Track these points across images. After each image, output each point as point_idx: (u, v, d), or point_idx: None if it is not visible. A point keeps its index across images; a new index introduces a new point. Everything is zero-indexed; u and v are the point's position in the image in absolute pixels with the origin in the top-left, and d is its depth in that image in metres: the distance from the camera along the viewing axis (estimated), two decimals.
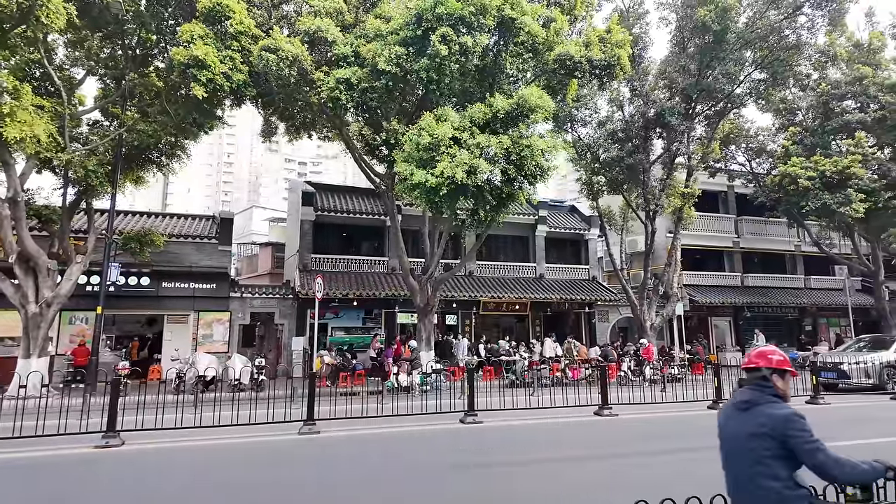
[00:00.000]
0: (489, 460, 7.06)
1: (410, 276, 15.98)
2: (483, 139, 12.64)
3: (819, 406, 11.59)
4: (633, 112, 18.78)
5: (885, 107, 20.25)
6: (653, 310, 20.03)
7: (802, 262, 28.10)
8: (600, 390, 10.53)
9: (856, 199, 18.80)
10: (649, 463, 6.83)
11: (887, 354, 14.50)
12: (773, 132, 24.12)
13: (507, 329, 23.19)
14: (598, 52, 13.88)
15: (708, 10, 16.06)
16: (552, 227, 23.94)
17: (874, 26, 22.38)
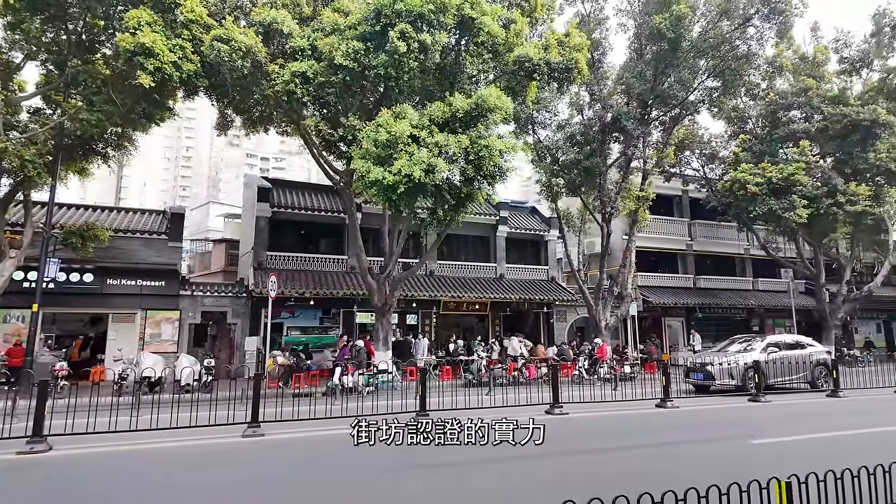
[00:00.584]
0: (439, 460, 6.98)
1: (369, 274, 15.79)
2: (442, 138, 12.57)
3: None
4: (592, 116, 19.12)
5: (827, 118, 21.27)
6: (608, 310, 20.44)
7: (751, 265, 29.26)
8: (552, 389, 10.63)
9: (799, 206, 19.66)
10: (594, 460, 6.91)
11: (753, 355, 14.35)
12: (726, 139, 25.00)
13: (468, 329, 23.28)
14: (556, 55, 14.04)
15: (663, 17, 16.49)
16: (513, 227, 24.13)
17: (819, 40, 23.49)
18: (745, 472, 4.88)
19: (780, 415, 11.17)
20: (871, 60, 22.56)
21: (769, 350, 14.68)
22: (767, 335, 16.40)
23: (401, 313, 21.20)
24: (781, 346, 15.12)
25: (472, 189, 13.81)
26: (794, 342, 15.68)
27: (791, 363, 14.37)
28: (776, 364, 14.33)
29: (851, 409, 11.73)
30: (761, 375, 13.09)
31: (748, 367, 13.76)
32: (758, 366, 13.13)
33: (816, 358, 15.06)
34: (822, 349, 16.13)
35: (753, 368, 13.27)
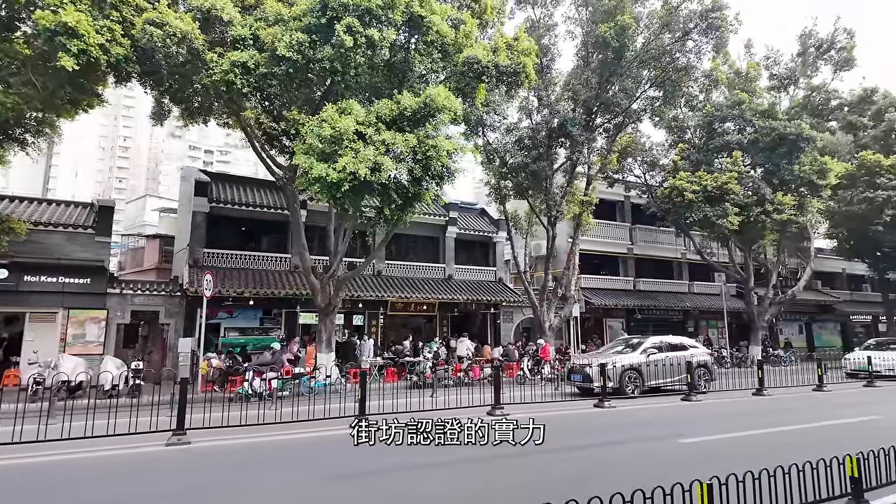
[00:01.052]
0: (375, 467, 6.81)
1: (312, 274, 15.35)
2: (389, 136, 12.36)
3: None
4: (540, 121, 19.41)
5: (758, 130, 22.52)
6: (552, 311, 20.81)
7: (687, 269, 30.60)
8: (494, 391, 10.64)
9: (732, 213, 20.71)
10: (531, 463, 6.91)
11: (632, 357, 14.21)
12: (666, 148, 26.03)
13: (416, 329, 23.12)
14: (504, 58, 14.11)
15: (609, 27, 16.94)
16: (462, 228, 24.16)
17: (752, 57, 24.85)
18: (676, 471, 4.98)
19: (708, 413, 11.63)
20: (797, 78, 24.09)
21: (649, 352, 14.47)
22: (649, 337, 16.28)
23: (347, 314, 20.80)
24: (663, 347, 14.93)
25: (419, 189, 13.67)
26: (676, 344, 15.47)
27: (672, 365, 14.18)
28: (656, 366, 14.05)
29: (776, 408, 12.37)
30: (641, 377, 13.41)
31: (626, 369, 13.81)
32: (638, 368, 13.31)
33: (697, 360, 14.72)
34: (703, 351, 16.02)
35: (633, 370, 13.48)
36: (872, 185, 24.50)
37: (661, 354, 14.49)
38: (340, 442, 8.35)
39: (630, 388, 13.66)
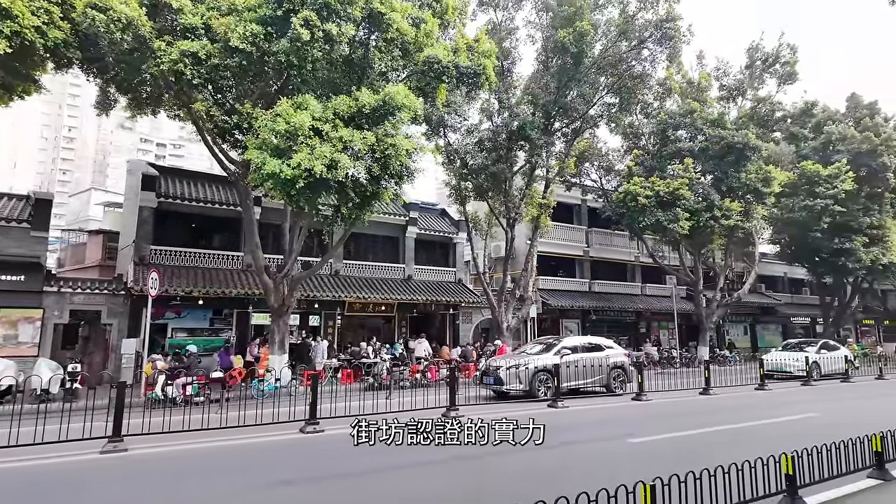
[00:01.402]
0: (322, 473, 6.63)
1: (265, 273, 14.91)
2: (347, 133, 12.13)
3: None
4: (500, 123, 19.52)
5: (708, 139, 23.37)
6: (510, 312, 20.98)
7: (640, 272, 31.48)
8: (449, 392, 10.59)
9: (682, 218, 21.40)
10: (487, 466, 6.88)
11: (546, 358, 13.74)
12: (622, 153, 26.66)
13: (374, 330, 22.85)
14: (465, 59, 14.10)
15: (567, 32, 17.21)
16: (422, 229, 24.06)
17: (703, 67, 25.77)
18: (625, 470, 5.02)
19: (656, 413, 11.93)
20: (745, 90, 25.15)
21: (563, 353, 14.05)
22: (564, 337, 16.01)
23: (303, 314, 20.37)
24: (579, 348, 14.58)
25: (378, 188, 13.51)
26: (592, 345, 15.17)
27: (587, 367, 13.90)
28: (570, 368, 13.50)
29: (721, 406, 12.81)
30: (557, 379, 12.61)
31: (538, 370, 13.33)
32: (555, 369, 12.65)
33: (614, 361, 14.64)
34: (620, 352, 15.65)
35: (545, 372, 13.09)
36: (812, 194, 25.85)
37: (575, 356, 14.11)
38: (288, 446, 8.14)
39: (542, 390, 13.14)
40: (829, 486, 5.51)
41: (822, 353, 19.71)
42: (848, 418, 10.82)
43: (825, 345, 21.05)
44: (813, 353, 19.42)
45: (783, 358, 19.65)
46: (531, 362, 13.54)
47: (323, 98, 13.32)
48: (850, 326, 38.96)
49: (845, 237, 27.06)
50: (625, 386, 14.63)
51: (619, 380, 14.69)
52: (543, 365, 13.52)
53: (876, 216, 27.75)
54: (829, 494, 5.49)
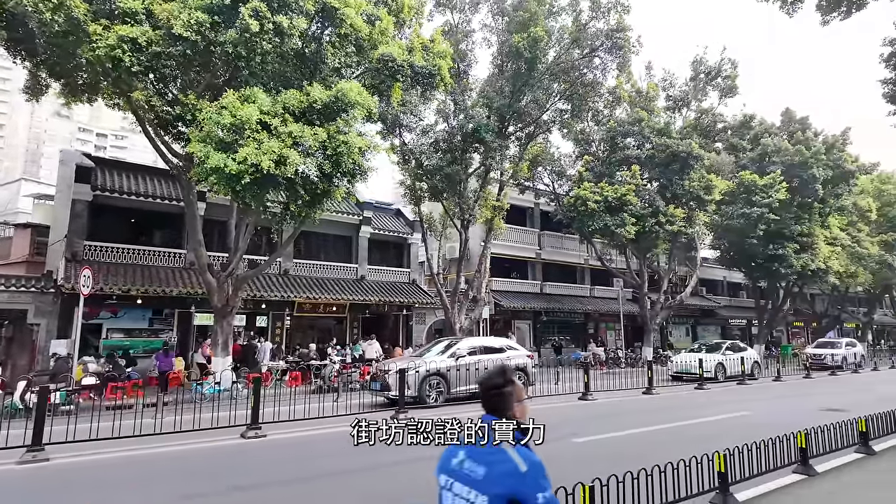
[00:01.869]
0: (262, 480, 6.38)
1: (209, 271, 14.32)
2: (296, 129, 11.83)
3: None
4: (455, 125, 19.54)
5: (654, 147, 24.23)
6: (462, 313, 21.03)
7: (589, 274, 32.32)
8: (399, 394, 10.47)
9: (629, 223, 22.09)
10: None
11: (438, 361, 12.68)
12: (573, 159, 27.27)
13: (325, 331, 22.41)
14: (420, 58, 14.03)
15: (522, 37, 17.43)
16: (377, 228, 23.79)
17: (651, 78, 26.74)
18: (570, 470, 5.05)
19: (600, 412, 12.21)
20: (689, 101, 26.26)
21: (459, 355, 13.08)
22: (464, 338, 15.15)
23: (249, 315, 19.74)
24: (478, 350, 13.65)
25: (329, 186, 13.24)
26: (493, 346, 14.28)
27: (485, 369, 11.17)
28: (467, 371, 12.55)
29: (662, 406, 13.26)
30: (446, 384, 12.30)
31: (429, 374, 12.28)
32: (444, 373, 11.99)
33: (515, 363, 13.55)
34: (523, 353, 14.84)
35: (436, 376, 12.20)
36: (749, 203, 27.22)
37: (472, 358, 13.09)
38: (227, 453, 7.80)
39: (432, 396, 12.12)
40: (759, 482, 5.77)
41: (728, 355, 19.84)
42: (776, 417, 11.41)
43: (732, 346, 21.21)
44: (718, 354, 19.74)
45: (689, 360, 19.46)
46: (421, 365, 12.32)
47: (273, 92, 12.95)
48: (783, 328, 41.37)
49: (778, 244, 28.66)
50: (527, 389, 13.94)
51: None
52: (435, 368, 12.41)
53: (806, 225, 29.52)
54: (759, 490, 5.75)
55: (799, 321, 43.23)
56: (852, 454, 7.30)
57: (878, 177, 38.00)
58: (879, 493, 5.92)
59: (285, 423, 9.22)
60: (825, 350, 26.50)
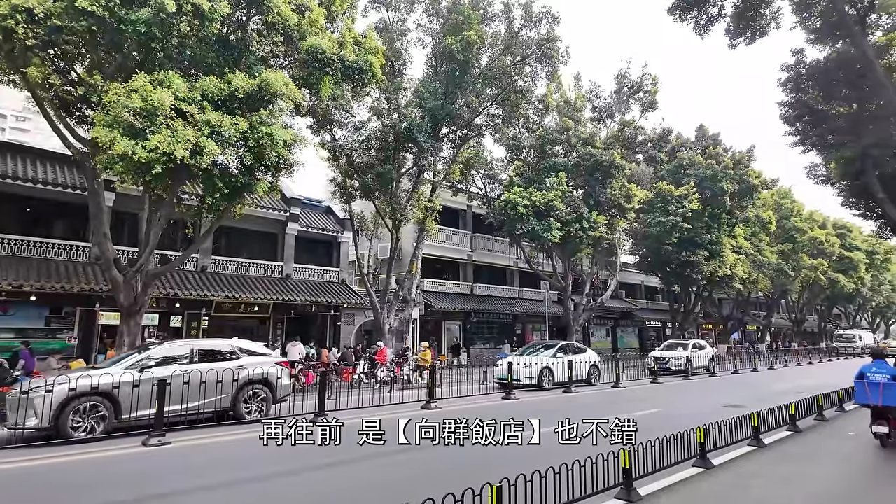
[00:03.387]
0: (163, 490, 5.93)
1: (115, 267, 13.24)
2: (216, 117, 11.20)
3: None
4: (388, 123, 19.34)
5: (581, 155, 25.19)
6: (392, 313, 20.83)
7: (518, 276, 33.12)
8: (319, 396, 10.16)
9: (555, 227, 22.83)
10: (346, 472, 6.62)
11: (104, 375, 8.86)
12: (505, 164, 27.82)
13: (246, 332, 21.41)
14: (351, 53, 13.73)
15: (455, 39, 17.55)
16: (305, 226, 23.06)
17: (580, 89, 27.79)
18: (492, 470, 5.04)
19: (524, 411, 12.47)
20: (613, 113, 27.56)
21: (144, 365, 9.49)
22: (174, 342, 11.96)
23: (163, 314, 18.55)
24: (188, 357, 10.18)
25: (251, 179, 12.64)
26: (218, 351, 10.79)
27: (200, 383, 9.41)
28: (159, 386, 8.39)
29: (582, 404, 13.74)
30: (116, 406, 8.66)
31: (78, 395, 8.43)
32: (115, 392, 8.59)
33: (251, 373, 10.50)
34: (268, 360, 11.21)
35: (101, 396, 8.52)
36: (665, 212, 28.96)
37: (173, 368, 9.48)
38: (130, 461, 7.22)
39: (84, 426, 8.41)
40: (660, 476, 6.06)
41: (560, 358, 17.48)
42: (685, 413, 12.13)
43: (566, 347, 18.66)
44: (548, 357, 17.50)
45: (519, 362, 16.84)
46: (62, 384, 8.39)
47: (192, 78, 12.21)
48: (693, 330, 44.36)
49: (691, 251, 30.72)
50: (267, 408, 10.37)
51: (257, 400, 10.37)
52: (90, 386, 8.49)
53: (715, 234, 31.85)
54: (661, 483, 6.03)
55: (708, 323, 46.57)
56: (745, 447, 7.87)
57: (778, 192, 41.70)
58: (768, 484, 6.38)
59: (195, 429, 8.68)
60: (669, 353, 24.13)
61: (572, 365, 16.46)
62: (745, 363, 28.10)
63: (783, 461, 7.37)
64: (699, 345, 25.69)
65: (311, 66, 13.44)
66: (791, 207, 41.86)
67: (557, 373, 16.93)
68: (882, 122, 14.72)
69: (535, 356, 17.91)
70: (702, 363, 23.73)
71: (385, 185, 19.21)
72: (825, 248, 42.16)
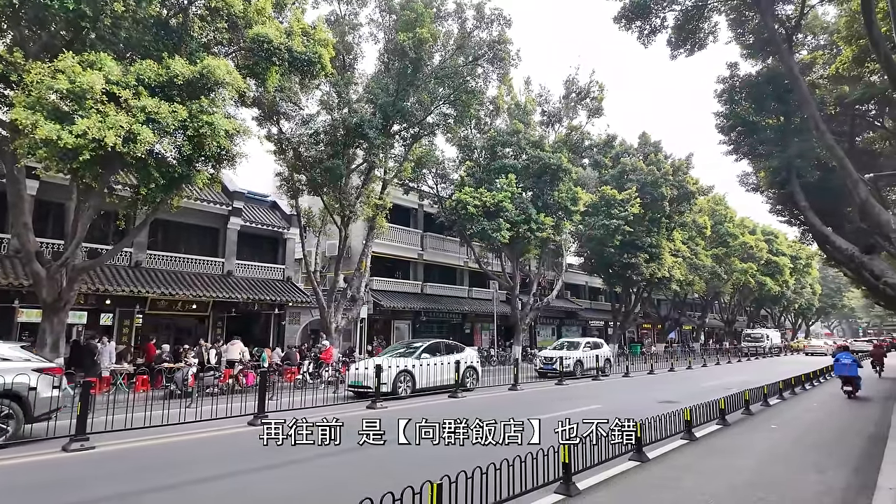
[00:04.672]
0: (80, 499, 5.53)
1: (36, 260, 12.31)
2: (152, 103, 10.60)
3: None
4: (339, 118, 18.94)
5: (530, 158, 25.64)
6: (339, 312, 20.45)
7: (468, 276, 33.34)
8: (258, 398, 9.81)
9: (504, 228, 23.13)
10: (285, 476, 6.41)
11: None
12: (457, 164, 27.91)
13: (184, 331, 20.48)
14: (299, 44, 13.36)
15: (408, 36, 17.41)
16: (249, 221, 22.27)
17: (530, 93, 28.25)
18: (434, 467, 4.97)
19: (473, 409, 12.53)
20: (561, 117, 28.18)
21: None
22: None
23: (92, 312, 17.42)
24: None
25: (189, 170, 12.06)
26: None
27: None
28: None
29: (526, 401, 13.94)
30: None
31: None
32: None
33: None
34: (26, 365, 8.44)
35: None
36: (609, 215, 29.93)
37: None
38: (44, 468, 6.71)
39: None
40: (599, 470, 6.22)
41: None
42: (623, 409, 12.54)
43: (432, 347, 15.86)
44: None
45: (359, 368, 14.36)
46: None
47: (126, 62, 11.52)
48: (634, 329, 46.13)
49: (632, 254, 31.90)
50: (17, 428, 8.00)
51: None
52: None
53: (655, 237, 33.21)
54: (599, 477, 6.19)
55: (647, 323, 48.56)
56: (679, 441, 8.21)
57: (713, 198, 44.01)
58: (698, 477, 6.67)
59: (120, 431, 8.17)
60: (557, 353, 21.27)
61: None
62: (680, 361, 29.48)
63: (713, 454, 7.74)
64: (594, 343, 23.55)
65: (256, 56, 12.98)
66: (725, 214, 44.26)
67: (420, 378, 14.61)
68: (806, 135, 15.80)
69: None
70: (592, 364, 20.93)
71: (334, 180, 18.81)
72: (755, 252, 44.89)
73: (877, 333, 71.00)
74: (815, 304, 65.17)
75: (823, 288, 66.59)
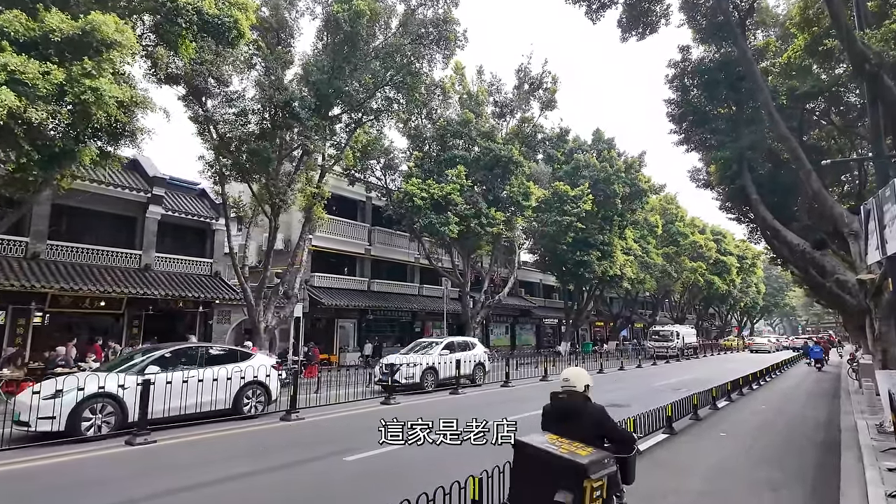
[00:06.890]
0: None
1: None
2: (17, 62, 8.90)
3: None
4: (265, 96, 17.24)
5: (481, 150, 24.65)
6: (270, 311, 18.80)
7: (419, 273, 32.11)
8: (140, 407, 8.27)
9: (453, 222, 22.03)
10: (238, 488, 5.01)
11: None
12: (407, 155, 26.62)
13: (97, 330, 18.37)
14: (211, 6, 11.76)
15: (342, 7, 15.95)
16: (171, 210, 20.27)
17: (483, 82, 27.26)
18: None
19: (406, 415, 11.31)
20: (514, 109, 27.27)
21: None
22: None
23: None
24: None
25: (74, 145, 10.35)
26: None
27: None
28: None
29: (469, 405, 12.86)
30: None
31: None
32: None
33: None
34: None
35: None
36: (562, 212, 29.33)
37: None
38: None
39: None
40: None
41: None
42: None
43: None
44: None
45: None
46: None
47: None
48: (587, 327, 46.04)
49: (584, 251, 31.47)
50: None
51: None
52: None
53: (607, 235, 32.93)
54: None
55: (599, 321, 48.61)
56: (660, 435, 7.85)
57: (665, 197, 44.40)
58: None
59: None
60: (403, 357, 15.87)
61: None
62: (631, 360, 29.19)
63: (656, 470, 6.81)
64: (465, 343, 18.26)
65: (157, 15, 11.32)
66: (676, 213, 44.73)
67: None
68: (758, 126, 15.37)
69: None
70: (450, 373, 15.38)
71: (262, 165, 17.12)
72: (704, 252, 45.60)
73: (815, 331, 74.16)
74: (760, 302, 67.39)
75: (767, 287, 69.00)
